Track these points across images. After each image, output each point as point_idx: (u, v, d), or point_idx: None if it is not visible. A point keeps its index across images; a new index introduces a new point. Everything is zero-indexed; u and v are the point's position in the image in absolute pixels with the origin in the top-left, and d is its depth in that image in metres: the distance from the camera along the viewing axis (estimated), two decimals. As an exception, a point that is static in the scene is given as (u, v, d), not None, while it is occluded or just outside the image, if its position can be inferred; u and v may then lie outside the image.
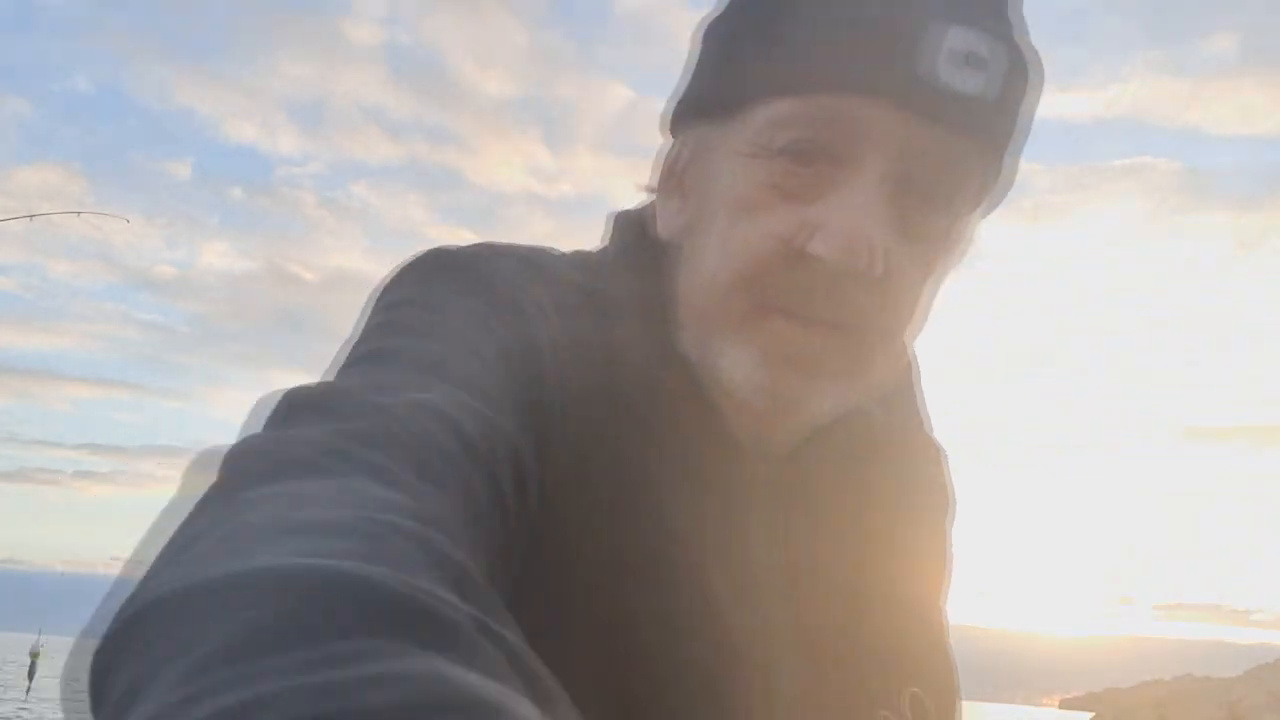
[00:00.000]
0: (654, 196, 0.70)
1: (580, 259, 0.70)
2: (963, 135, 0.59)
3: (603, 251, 0.71)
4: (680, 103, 0.68)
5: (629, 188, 0.74)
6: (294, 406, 0.48)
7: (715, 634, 0.61)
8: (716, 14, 0.67)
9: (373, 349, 0.56)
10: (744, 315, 0.61)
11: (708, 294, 0.62)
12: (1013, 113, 0.62)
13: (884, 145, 0.58)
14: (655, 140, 0.74)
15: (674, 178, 0.68)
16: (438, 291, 0.61)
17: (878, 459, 0.71)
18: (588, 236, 0.76)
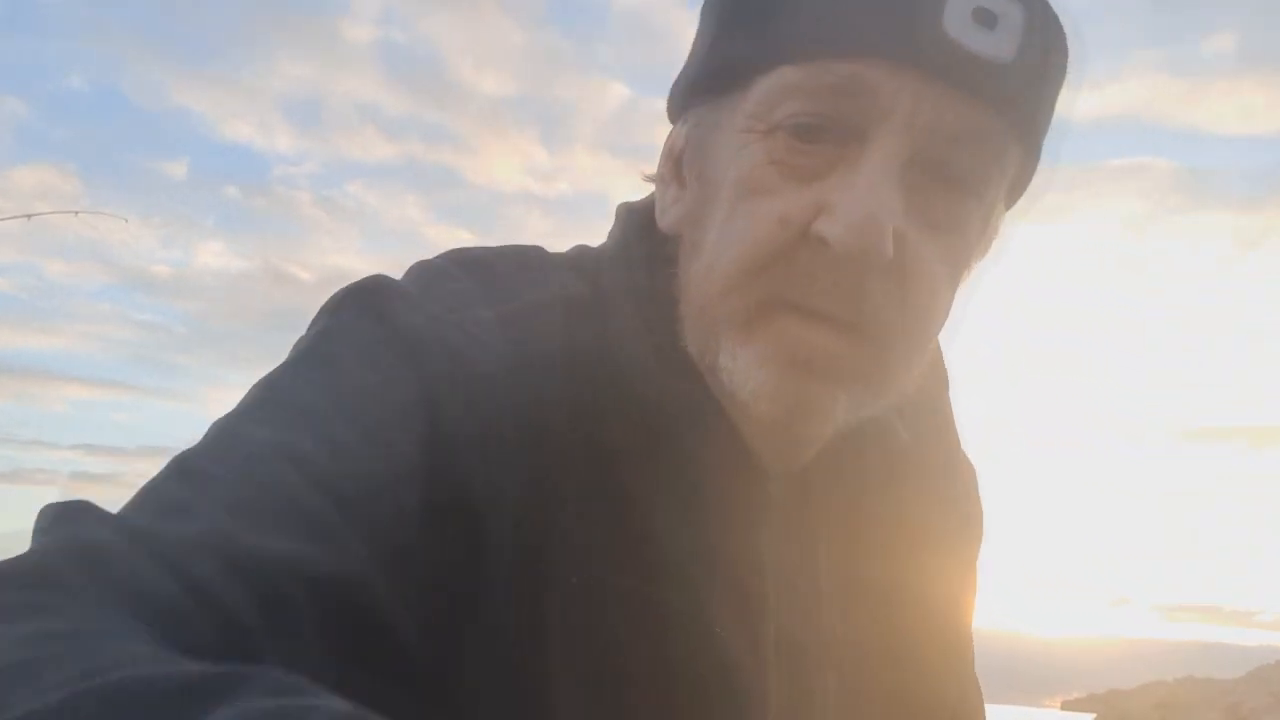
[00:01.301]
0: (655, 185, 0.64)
1: (575, 258, 0.65)
2: (976, 99, 0.53)
3: (602, 247, 0.66)
4: (679, 82, 0.62)
5: (627, 187, 0.69)
6: (67, 558, 0.43)
7: (714, 669, 0.56)
8: None
9: (228, 431, 0.52)
10: (749, 312, 0.55)
11: (709, 287, 0.56)
12: (1039, 84, 0.55)
13: (894, 114, 0.52)
14: (654, 139, 0.69)
15: (674, 163, 0.62)
16: (338, 345, 0.56)
17: (906, 481, 0.65)
18: (585, 235, 0.71)
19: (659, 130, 0.68)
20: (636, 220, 0.64)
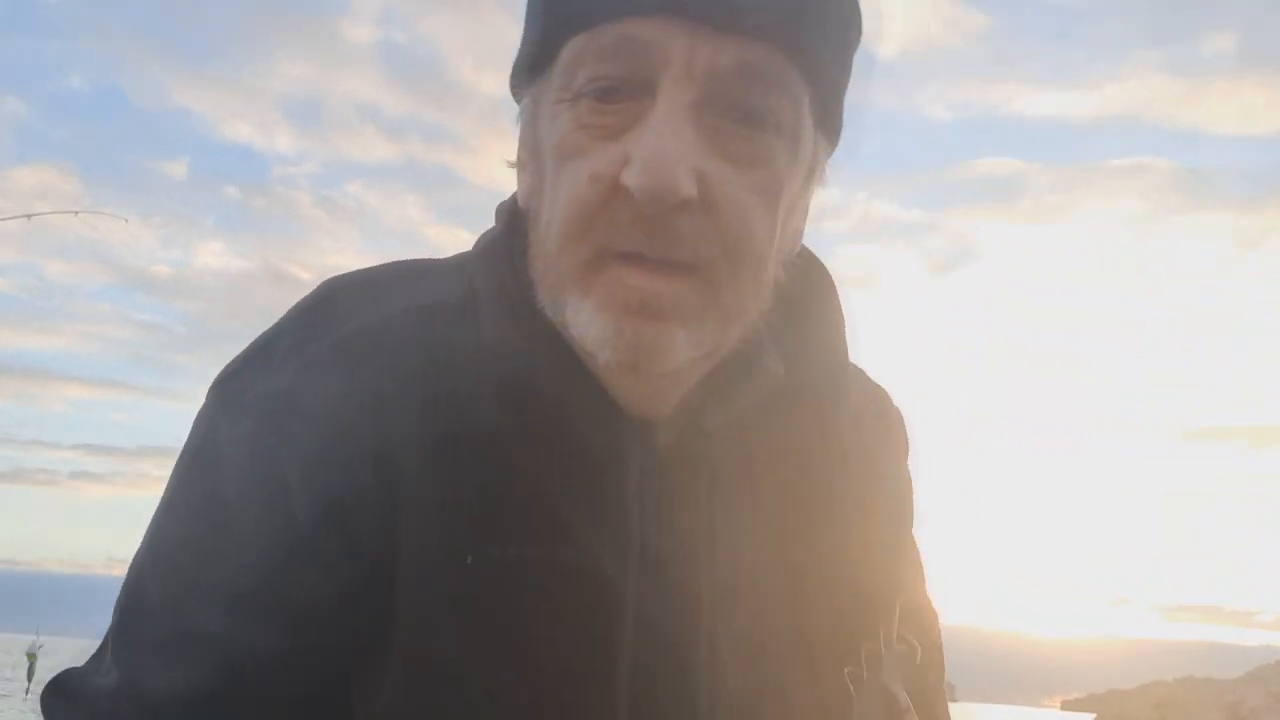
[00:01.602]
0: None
1: (459, 260, 0.69)
2: (752, 40, 0.56)
3: (477, 242, 0.70)
4: (513, 70, 0.65)
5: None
6: None
7: (610, 617, 0.60)
8: None
9: (130, 592, 0.64)
10: (583, 266, 0.58)
11: (547, 250, 0.60)
12: (811, 13, 0.59)
13: (676, 64, 0.56)
14: None
15: (522, 144, 0.66)
16: (208, 460, 0.64)
17: (799, 420, 0.67)
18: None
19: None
20: (506, 210, 0.68)
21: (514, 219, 0.67)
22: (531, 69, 0.63)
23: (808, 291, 0.68)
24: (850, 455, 0.69)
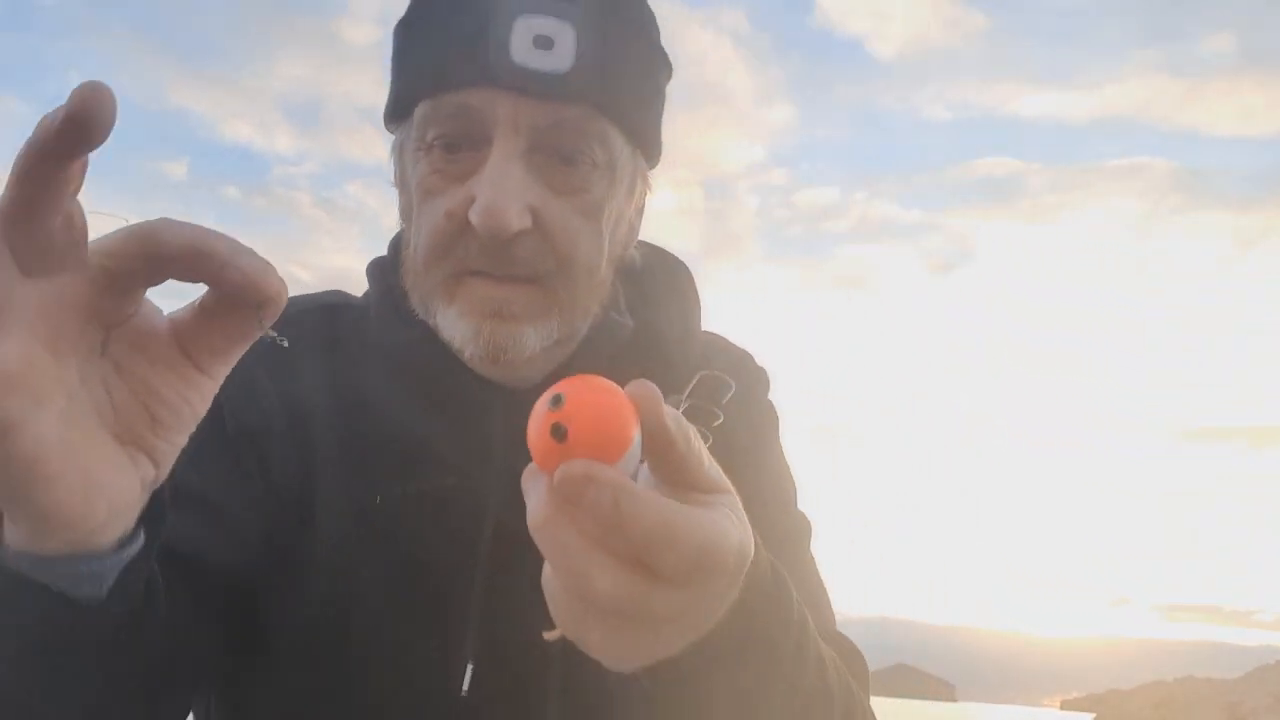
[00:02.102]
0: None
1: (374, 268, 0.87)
2: (559, 102, 0.71)
3: (369, 265, 0.88)
4: (385, 108, 0.80)
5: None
6: None
7: (485, 541, 0.75)
8: (399, 19, 0.80)
9: None
10: (445, 281, 0.74)
11: (417, 269, 0.76)
12: (611, 71, 0.73)
13: (503, 123, 0.71)
14: None
15: (396, 170, 0.81)
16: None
17: (645, 364, 0.81)
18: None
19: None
20: (394, 239, 0.86)
21: (397, 246, 0.84)
22: (394, 116, 0.79)
23: (659, 277, 0.87)
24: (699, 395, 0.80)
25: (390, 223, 0.88)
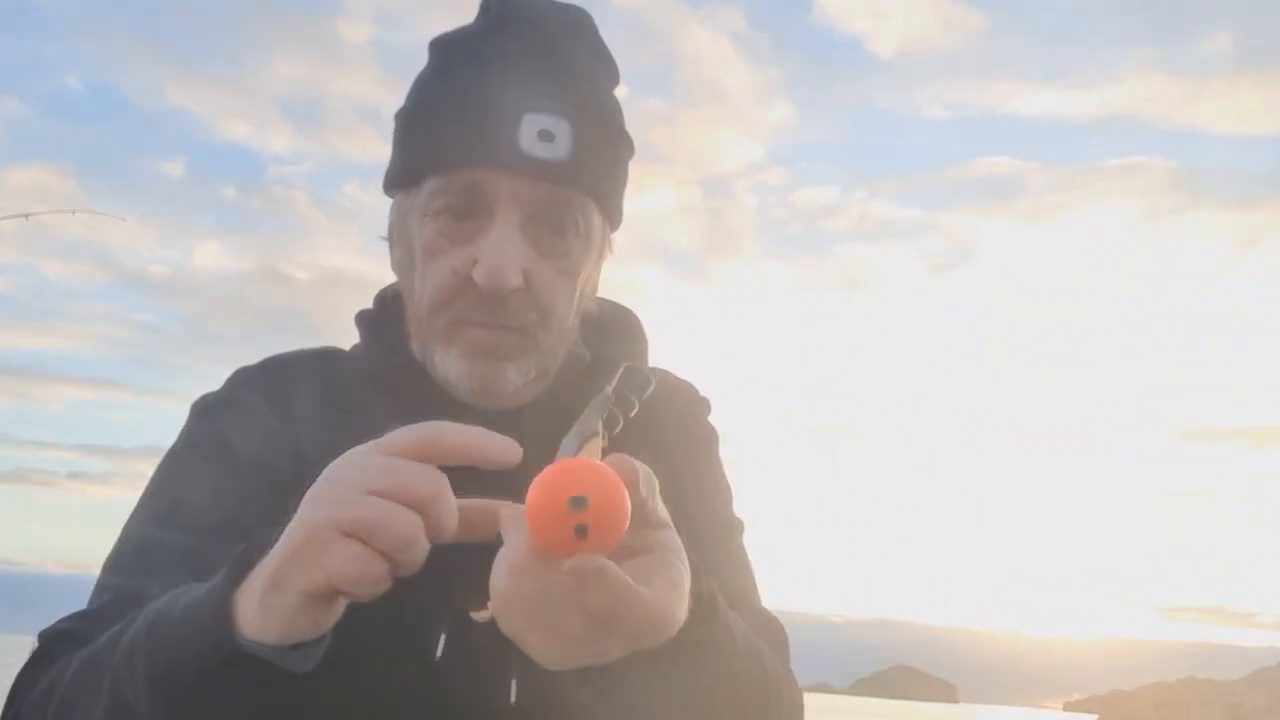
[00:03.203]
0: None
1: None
2: (554, 184, 0.87)
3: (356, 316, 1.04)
4: (386, 175, 0.95)
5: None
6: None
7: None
8: (401, 106, 0.94)
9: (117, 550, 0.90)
10: (446, 328, 0.88)
11: (421, 317, 0.90)
12: (596, 160, 0.89)
13: (505, 198, 0.86)
14: (650, 139, 1.05)
15: (393, 230, 0.95)
16: (178, 444, 0.95)
17: (599, 388, 0.93)
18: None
19: (655, 130, 0.99)
20: (380, 294, 1.02)
21: (384, 299, 1.00)
22: (399, 185, 0.93)
23: (612, 320, 1.04)
24: (645, 412, 0.92)
25: (386, 223, 0.95)
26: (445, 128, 0.88)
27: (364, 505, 0.62)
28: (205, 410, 0.96)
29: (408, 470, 0.63)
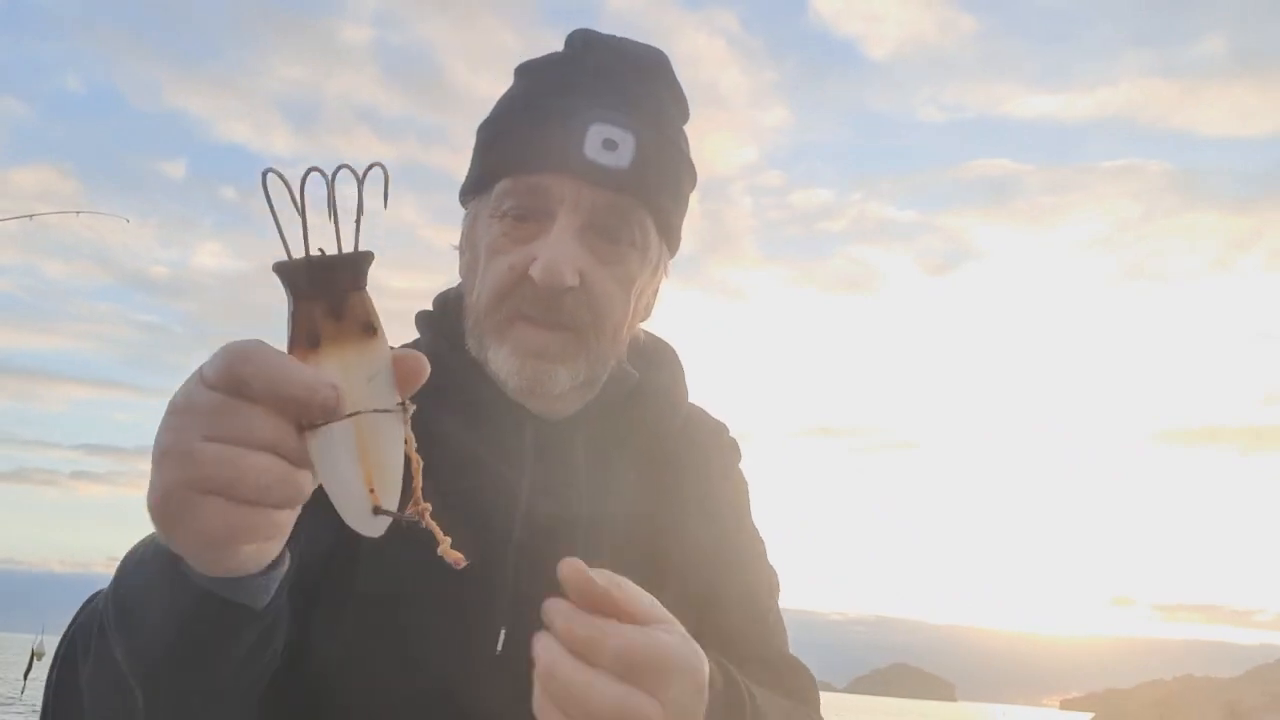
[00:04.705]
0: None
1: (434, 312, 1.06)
2: (615, 191, 0.91)
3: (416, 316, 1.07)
4: (463, 185, 1.01)
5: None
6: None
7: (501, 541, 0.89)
8: (482, 120, 1.00)
9: None
10: (500, 324, 0.92)
11: (477, 312, 0.94)
12: (652, 174, 0.93)
13: (568, 202, 0.90)
14: None
15: (464, 237, 1.00)
16: None
17: (646, 411, 1.01)
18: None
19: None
20: (439, 297, 1.05)
21: (444, 301, 1.04)
22: (474, 192, 0.98)
23: (657, 349, 1.08)
24: (685, 448, 1.02)
25: (387, 222, 0.95)
26: (518, 136, 0.94)
27: (208, 457, 0.56)
28: None
29: (234, 410, 0.56)
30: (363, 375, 0.59)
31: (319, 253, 0.58)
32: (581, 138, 0.90)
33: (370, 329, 0.59)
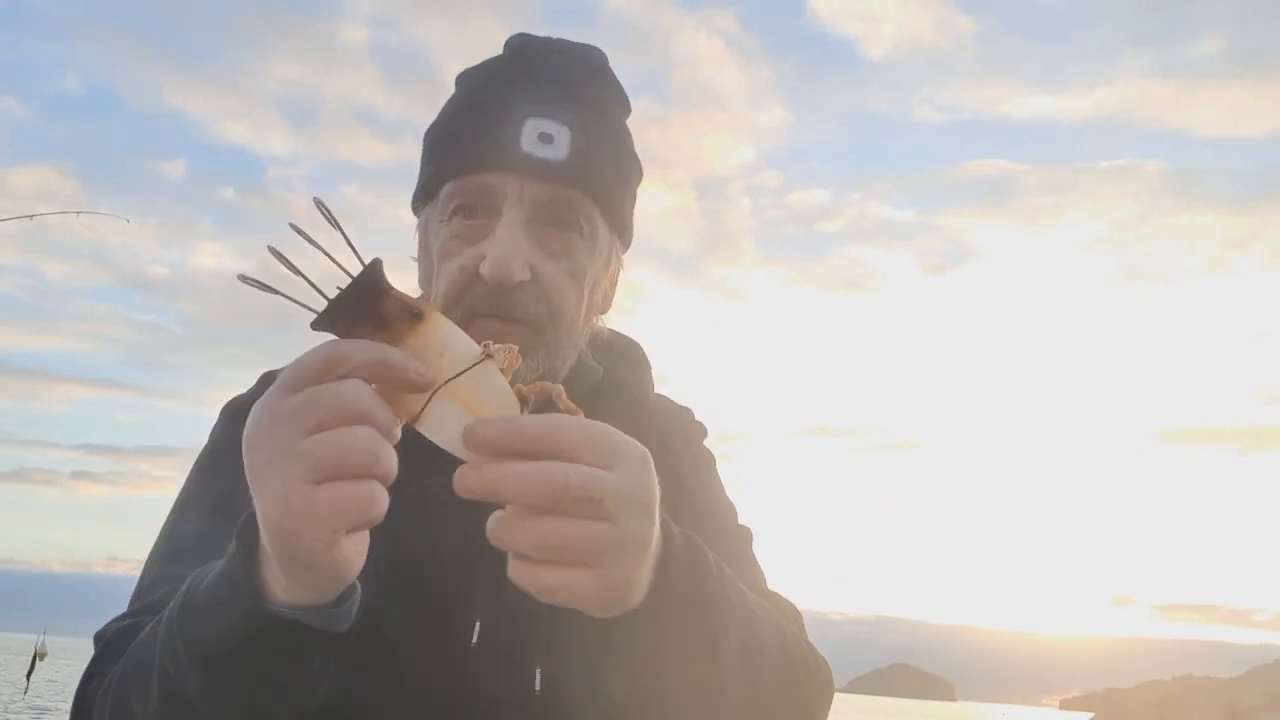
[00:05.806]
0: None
1: None
2: (556, 184, 0.93)
3: None
4: (414, 193, 1.03)
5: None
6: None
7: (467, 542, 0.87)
8: (426, 128, 1.03)
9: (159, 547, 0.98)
10: (460, 320, 0.89)
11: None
12: (596, 166, 0.95)
13: (511, 198, 0.92)
14: (645, 140, 1.06)
15: (420, 245, 1.02)
16: (209, 448, 1.03)
17: (611, 403, 1.01)
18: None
19: (650, 131, 1.00)
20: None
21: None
22: (423, 199, 1.00)
23: (620, 345, 1.11)
24: (652, 436, 0.99)
25: (385, 223, 0.99)
26: (459, 139, 0.97)
27: (317, 445, 0.60)
28: (236, 413, 1.02)
29: (325, 395, 0.61)
30: (433, 354, 0.63)
31: (335, 290, 0.63)
32: (518, 133, 0.92)
33: (416, 315, 0.63)
